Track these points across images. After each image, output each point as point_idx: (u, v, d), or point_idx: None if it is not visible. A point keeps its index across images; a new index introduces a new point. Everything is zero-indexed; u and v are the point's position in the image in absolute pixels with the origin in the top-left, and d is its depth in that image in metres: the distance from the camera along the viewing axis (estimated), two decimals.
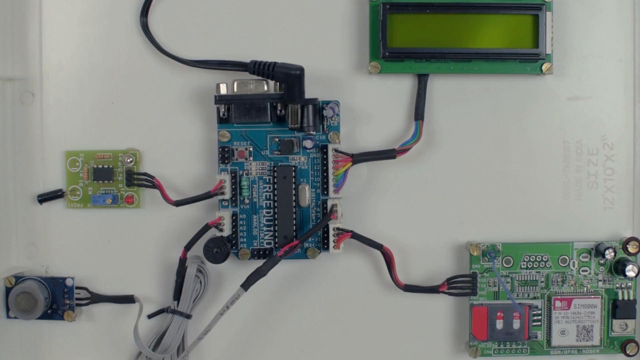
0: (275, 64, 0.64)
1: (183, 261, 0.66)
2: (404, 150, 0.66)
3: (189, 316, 0.66)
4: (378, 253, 0.67)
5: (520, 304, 0.67)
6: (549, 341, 0.67)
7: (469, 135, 0.68)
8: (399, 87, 0.68)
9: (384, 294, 0.69)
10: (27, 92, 0.68)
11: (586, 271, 0.67)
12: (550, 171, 0.68)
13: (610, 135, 0.68)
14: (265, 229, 0.67)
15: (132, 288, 0.69)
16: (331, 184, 0.66)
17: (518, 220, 0.68)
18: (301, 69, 0.64)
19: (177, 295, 0.67)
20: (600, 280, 0.68)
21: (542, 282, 0.67)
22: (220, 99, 0.65)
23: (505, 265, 0.67)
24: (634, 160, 0.68)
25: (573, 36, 0.68)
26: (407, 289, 0.67)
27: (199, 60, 0.67)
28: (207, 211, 0.68)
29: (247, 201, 0.67)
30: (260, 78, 0.65)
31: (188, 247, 0.66)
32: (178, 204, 0.66)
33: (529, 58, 0.65)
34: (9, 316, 0.68)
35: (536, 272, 0.67)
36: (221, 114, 0.66)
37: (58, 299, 0.68)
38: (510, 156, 0.68)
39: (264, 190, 0.67)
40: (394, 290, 0.67)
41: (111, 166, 0.68)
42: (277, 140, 0.67)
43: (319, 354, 0.70)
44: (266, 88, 0.65)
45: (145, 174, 0.68)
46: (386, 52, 0.65)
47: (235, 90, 0.66)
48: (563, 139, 0.68)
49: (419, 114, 0.67)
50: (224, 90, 0.66)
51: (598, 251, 0.67)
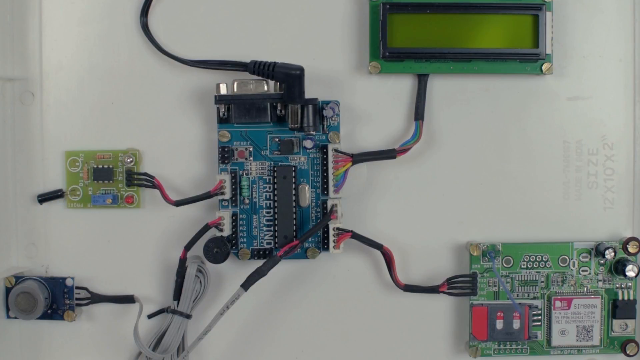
0: (275, 64, 0.64)
1: (183, 261, 0.66)
2: (404, 150, 0.66)
3: (189, 316, 0.66)
4: (378, 253, 0.67)
5: (520, 304, 0.67)
6: (549, 341, 0.67)
7: (469, 135, 0.68)
8: (399, 87, 0.68)
9: (384, 294, 0.69)
10: (27, 92, 0.68)
11: (586, 271, 0.67)
12: (550, 171, 0.68)
13: (610, 135, 0.68)
14: (265, 229, 0.67)
15: (132, 288, 0.69)
16: (331, 184, 0.66)
17: (518, 220, 0.68)
18: (301, 69, 0.64)
19: (177, 295, 0.67)
20: (600, 280, 0.68)
21: (542, 282, 0.67)
22: (220, 99, 0.65)
23: (505, 265, 0.67)
24: (634, 160, 0.68)
25: (573, 36, 0.68)
26: (407, 289, 0.67)
27: (199, 60, 0.67)
28: (207, 211, 0.68)
29: (247, 201, 0.67)
30: (260, 78, 0.65)
31: (188, 247, 0.66)
32: (178, 204, 0.66)
33: (529, 58, 0.65)
34: (9, 316, 0.68)
35: (536, 272, 0.67)
36: (221, 114, 0.66)
37: (58, 299, 0.68)
38: (510, 156, 0.68)
39: (264, 190, 0.67)
40: (394, 290, 0.67)
41: (111, 166, 0.68)
42: (277, 140, 0.67)
43: (319, 354, 0.70)
44: (266, 88, 0.65)
45: (145, 174, 0.67)
46: (386, 52, 0.65)
47: (235, 90, 0.66)
48: (563, 139, 0.68)
49: (419, 114, 0.67)
50: (224, 90, 0.66)
51: (598, 251, 0.67)
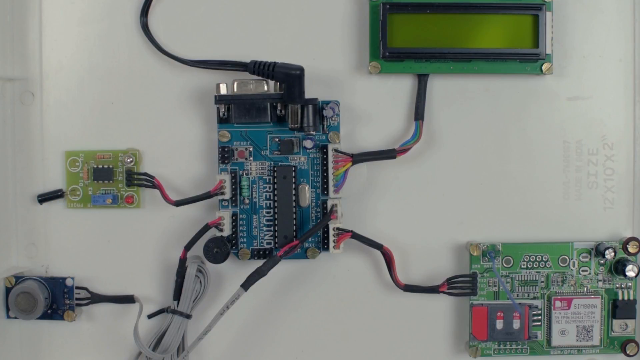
0: (275, 64, 0.64)
1: (183, 261, 0.66)
2: (404, 150, 0.66)
3: (189, 316, 0.66)
4: (378, 253, 0.67)
5: (520, 304, 0.67)
6: (549, 341, 0.67)
7: (469, 135, 0.68)
8: (399, 87, 0.68)
9: (384, 294, 0.69)
10: (27, 92, 0.68)
11: (586, 271, 0.67)
12: (550, 171, 0.68)
13: (610, 135, 0.68)
14: (265, 229, 0.67)
15: (132, 288, 0.69)
16: (331, 184, 0.66)
17: (518, 220, 0.68)
18: (301, 69, 0.64)
19: (177, 295, 0.67)
20: (600, 280, 0.68)
21: (542, 282, 0.67)
22: (220, 99, 0.65)
23: (505, 265, 0.67)
24: (634, 160, 0.68)
25: (573, 36, 0.68)
26: (407, 289, 0.67)
27: (199, 60, 0.67)
28: (207, 211, 0.68)
29: (247, 201, 0.67)
30: (260, 78, 0.65)
31: (188, 247, 0.66)
32: (178, 204, 0.66)
33: (529, 58, 0.65)
34: (9, 316, 0.68)
35: (536, 272, 0.67)
36: (221, 114, 0.66)
37: (58, 299, 0.68)
38: (510, 156, 0.68)
39: (264, 190, 0.67)
40: (394, 290, 0.67)
41: (111, 166, 0.68)
42: (277, 140, 0.67)
43: (319, 354, 0.70)
44: (266, 88, 0.65)
45: (145, 174, 0.67)
46: (386, 52, 0.65)
47: (235, 90, 0.66)
48: (563, 139, 0.68)
49: (419, 114, 0.67)
50: (224, 90, 0.65)
51: (598, 251, 0.67)
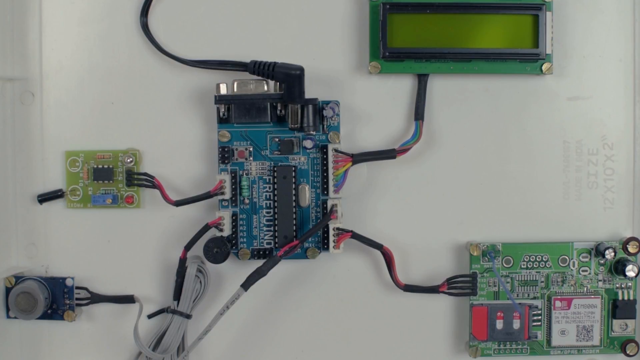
0: (275, 64, 0.64)
1: (183, 261, 0.66)
2: (404, 150, 0.66)
3: (189, 316, 0.66)
4: (378, 253, 0.67)
5: (520, 304, 0.67)
6: (549, 341, 0.67)
7: (469, 135, 0.68)
8: (399, 87, 0.68)
9: (384, 294, 0.69)
10: (27, 92, 0.68)
11: (586, 271, 0.67)
12: (550, 171, 0.68)
13: (610, 135, 0.68)
14: (265, 229, 0.67)
15: (132, 288, 0.69)
16: (331, 184, 0.66)
17: (518, 220, 0.68)
18: (301, 69, 0.64)
19: (177, 295, 0.67)
20: (600, 280, 0.68)
21: (542, 282, 0.67)
22: (220, 99, 0.65)
23: (505, 265, 0.67)
24: (634, 160, 0.68)
25: (573, 36, 0.68)
26: (407, 289, 0.67)
27: (199, 60, 0.67)
28: (207, 211, 0.68)
29: (247, 201, 0.67)
30: (260, 78, 0.65)
31: (188, 247, 0.66)
32: (178, 204, 0.66)
33: (529, 58, 0.65)
34: (9, 316, 0.68)
35: (536, 272, 0.67)
36: (221, 114, 0.66)
37: (58, 299, 0.68)
38: (510, 156, 0.68)
39: (264, 190, 0.67)
40: (394, 290, 0.67)
41: (111, 166, 0.68)
42: (277, 140, 0.67)
43: (319, 354, 0.70)
44: (266, 88, 0.65)
45: (145, 174, 0.67)
46: (386, 52, 0.65)
47: (235, 90, 0.66)
48: (563, 139, 0.68)
49: (419, 114, 0.67)
50: (224, 90, 0.65)
51: (598, 251, 0.67)
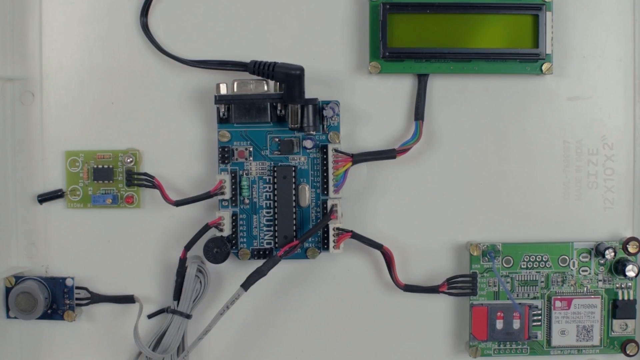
0: (275, 64, 0.64)
1: (183, 261, 0.66)
2: (404, 150, 0.66)
3: (189, 316, 0.66)
4: (378, 253, 0.67)
5: (520, 304, 0.67)
6: (549, 341, 0.67)
7: (469, 135, 0.68)
8: (399, 87, 0.68)
9: (384, 294, 0.69)
10: (27, 92, 0.68)
11: (586, 271, 0.67)
12: (550, 171, 0.68)
13: (610, 135, 0.68)
14: (265, 229, 0.67)
15: (132, 288, 0.69)
16: (331, 184, 0.66)
17: (518, 220, 0.68)
18: (301, 69, 0.64)
19: (177, 295, 0.67)
20: (600, 280, 0.68)
21: (542, 282, 0.67)
22: (220, 99, 0.65)
23: (505, 265, 0.67)
24: (634, 160, 0.68)
25: (573, 36, 0.68)
26: (407, 289, 0.67)
27: (199, 60, 0.67)
28: (207, 211, 0.68)
29: (247, 201, 0.67)
30: (260, 78, 0.65)
31: (188, 247, 0.66)
32: (178, 204, 0.66)
33: (529, 58, 0.65)
34: (9, 316, 0.68)
35: (536, 272, 0.67)
36: (221, 114, 0.66)
37: (58, 299, 0.68)
38: (510, 156, 0.68)
39: (264, 190, 0.67)
40: (394, 290, 0.67)
41: (111, 166, 0.68)
42: (277, 140, 0.67)
43: (319, 354, 0.70)
44: (266, 88, 0.65)
45: (145, 174, 0.67)
46: (386, 52, 0.65)
47: (235, 90, 0.66)
48: (563, 139, 0.68)
49: (419, 114, 0.67)
50: (224, 90, 0.65)
51: (598, 251, 0.67)
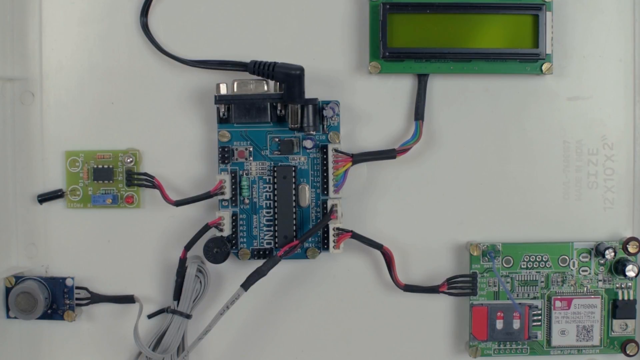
0: (275, 64, 0.64)
1: (183, 261, 0.66)
2: (404, 150, 0.66)
3: (189, 316, 0.66)
4: (378, 253, 0.67)
5: (520, 304, 0.67)
6: (549, 341, 0.67)
7: (469, 135, 0.68)
8: (399, 87, 0.68)
9: (384, 294, 0.69)
10: (27, 92, 0.68)
11: (586, 271, 0.67)
12: (550, 171, 0.68)
13: (610, 135, 0.68)
14: (265, 229, 0.67)
15: (132, 288, 0.69)
16: (331, 184, 0.66)
17: (518, 220, 0.68)
18: (301, 69, 0.64)
19: (177, 295, 0.67)
20: (600, 280, 0.68)
21: (542, 282, 0.67)
22: (220, 99, 0.65)
23: (505, 265, 0.67)
24: (634, 160, 0.68)
25: (573, 36, 0.68)
26: (407, 289, 0.67)
27: (199, 60, 0.67)
28: (207, 211, 0.68)
29: (247, 201, 0.67)
30: (260, 78, 0.65)
31: (188, 247, 0.66)
32: (178, 204, 0.66)
33: (529, 58, 0.65)
34: (9, 316, 0.68)
35: (536, 272, 0.67)
36: (221, 114, 0.66)
37: (58, 299, 0.68)
38: (510, 156, 0.68)
39: (264, 190, 0.67)
40: (394, 290, 0.67)
41: (111, 166, 0.68)
42: (277, 140, 0.67)
43: (319, 354, 0.70)
44: (266, 88, 0.65)
45: (145, 174, 0.67)
46: (386, 52, 0.65)
47: (235, 90, 0.66)
48: (563, 139, 0.68)
49: (419, 114, 0.67)
50: (224, 90, 0.65)
51: (598, 251, 0.67)
